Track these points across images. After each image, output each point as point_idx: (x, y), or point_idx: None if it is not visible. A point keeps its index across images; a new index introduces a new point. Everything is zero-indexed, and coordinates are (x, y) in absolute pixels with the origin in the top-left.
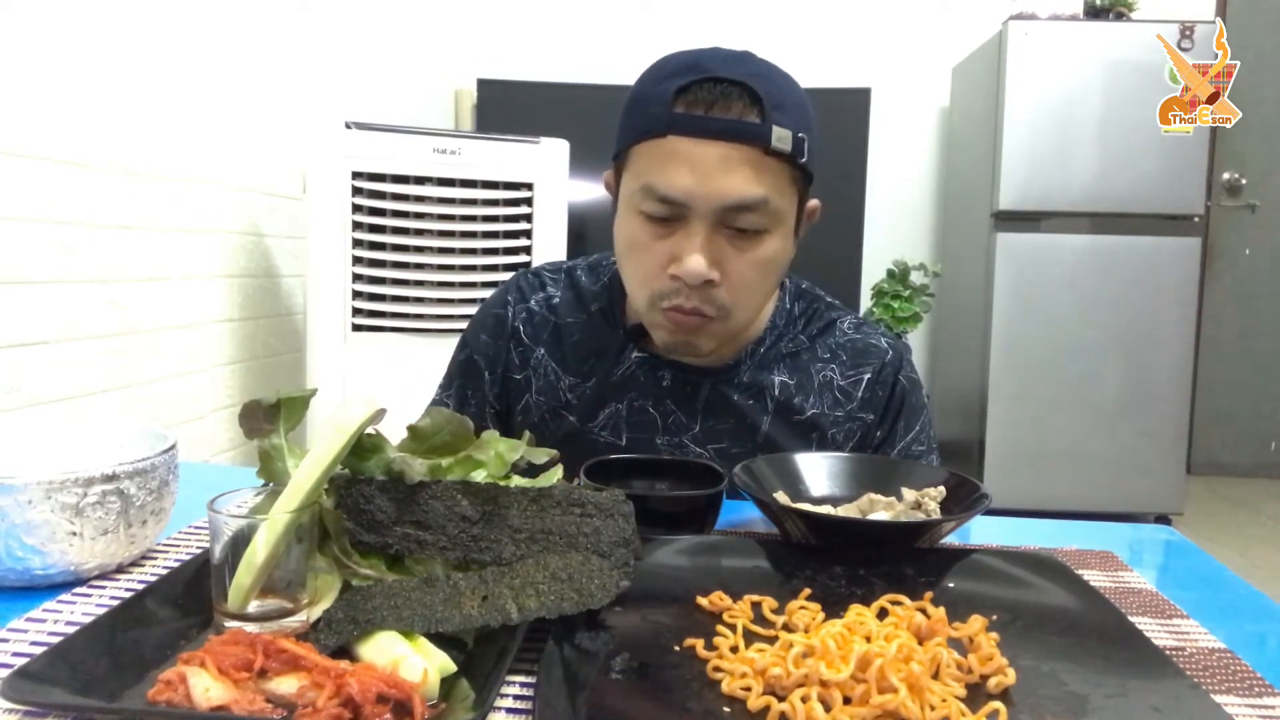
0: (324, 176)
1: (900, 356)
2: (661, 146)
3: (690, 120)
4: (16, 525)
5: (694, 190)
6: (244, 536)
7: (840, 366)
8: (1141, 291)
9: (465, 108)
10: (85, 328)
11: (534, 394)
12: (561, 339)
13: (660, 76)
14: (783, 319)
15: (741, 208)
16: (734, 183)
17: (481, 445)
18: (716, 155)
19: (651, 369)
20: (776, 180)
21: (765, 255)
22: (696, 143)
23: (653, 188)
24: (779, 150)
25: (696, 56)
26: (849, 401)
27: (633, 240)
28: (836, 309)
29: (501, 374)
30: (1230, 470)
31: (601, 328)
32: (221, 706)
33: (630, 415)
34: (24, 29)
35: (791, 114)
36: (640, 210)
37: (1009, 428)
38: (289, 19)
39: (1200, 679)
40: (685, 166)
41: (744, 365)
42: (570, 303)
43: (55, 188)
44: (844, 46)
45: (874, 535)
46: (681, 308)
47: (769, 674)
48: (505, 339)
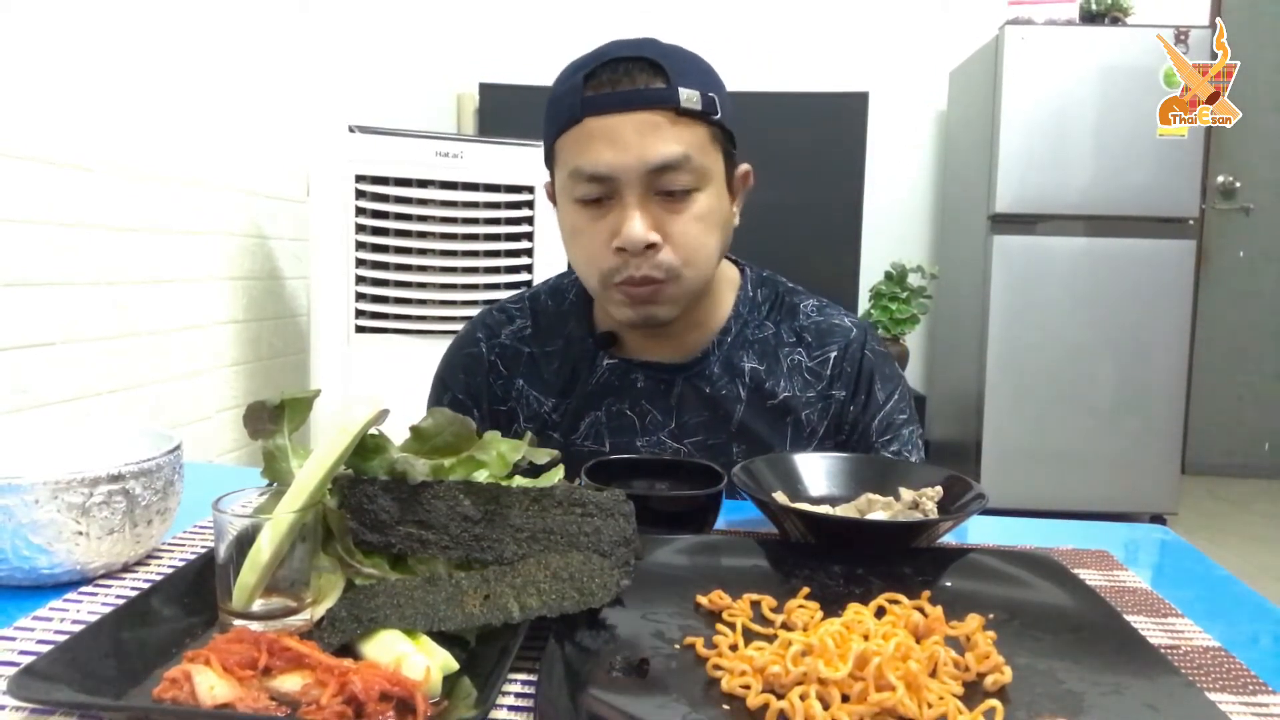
0: (327, 179)
1: (865, 332)
2: (580, 131)
3: (600, 99)
4: (23, 525)
5: (616, 162)
6: (248, 536)
7: (806, 349)
8: (1137, 293)
9: (467, 111)
10: (91, 329)
11: (521, 422)
12: (538, 366)
13: (569, 72)
14: (746, 307)
15: (665, 168)
16: (652, 145)
17: (483, 446)
18: (631, 124)
19: (625, 373)
20: (695, 138)
21: (700, 211)
22: (610, 118)
23: (579, 169)
24: (690, 109)
25: (600, 48)
26: (819, 381)
27: (574, 228)
28: (799, 293)
29: (489, 408)
30: (1224, 470)
31: (573, 345)
32: (226, 704)
33: (610, 420)
34: (29, 33)
35: (697, 77)
36: (574, 198)
37: (1006, 428)
38: (292, 24)
39: (1195, 677)
40: (604, 142)
41: (713, 357)
42: (539, 330)
43: (61, 191)
44: (842, 51)
45: (872, 535)
46: (632, 278)
47: (768, 672)
48: (483, 374)
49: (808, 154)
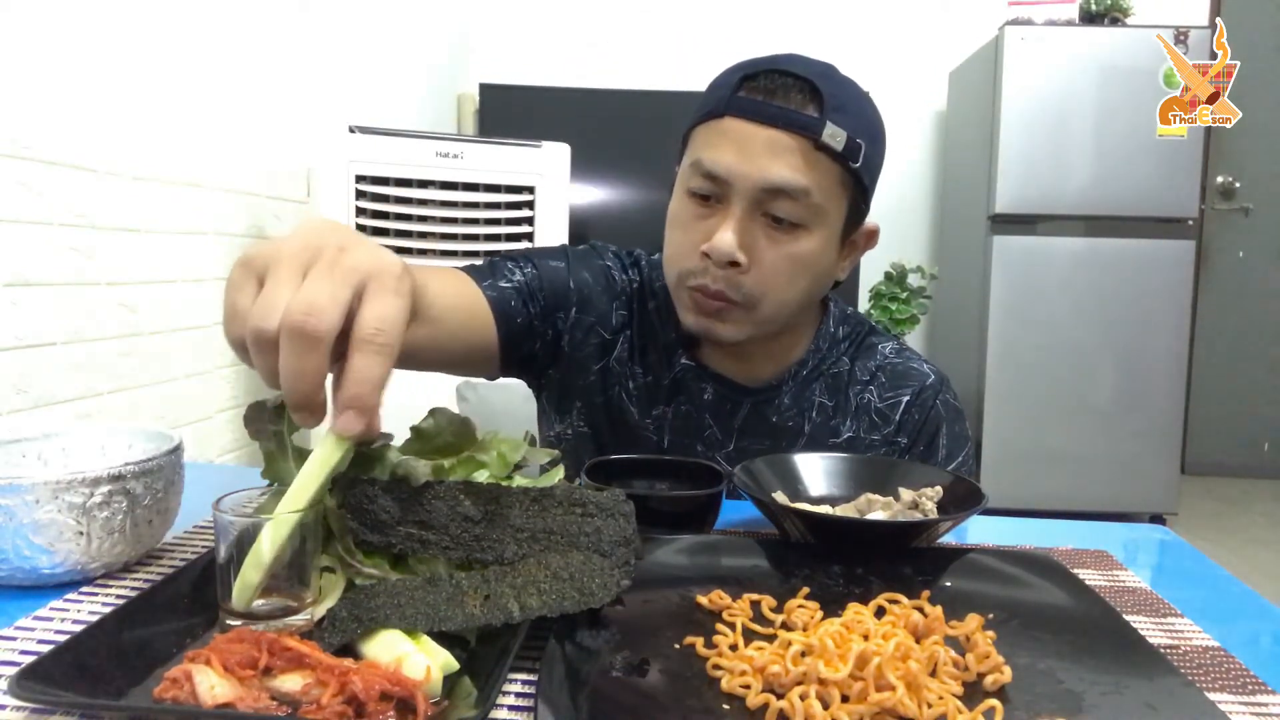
0: (328, 179)
1: (941, 381)
2: (717, 126)
3: (748, 103)
4: (24, 525)
5: (735, 168)
6: (249, 536)
7: (879, 389)
8: (1136, 294)
9: (468, 112)
10: (92, 329)
11: (611, 362)
12: (642, 326)
13: (735, 68)
14: (826, 341)
15: (780, 192)
16: (776, 166)
17: (484, 446)
18: (765, 138)
19: (696, 379)
20: (823, 177)
21: (800, 250)
22: (749, 125)
23: (700, 162)
24: (829, 146)
25: (774, 56)
26: (885, 425)
27: (676, 216)
28: (879, 333)
29: (593, 324)
30: (1224, 470)
31: (659, 329)
32: (227, 704)
33: (675, 420)
34: (30, 34)
35: (851, 117)
36: (688, 188)
37: (1005, 428)
38: (292, 24)
39: (1194, 676)
40: (734, 145)
41: (785, 387)
42: (642, 293)
43: (62, 191)
44: (842, 51)
45: (872, 534)
46: (706, 288)
47: (768, 672)
48: (613, 297)
49: None
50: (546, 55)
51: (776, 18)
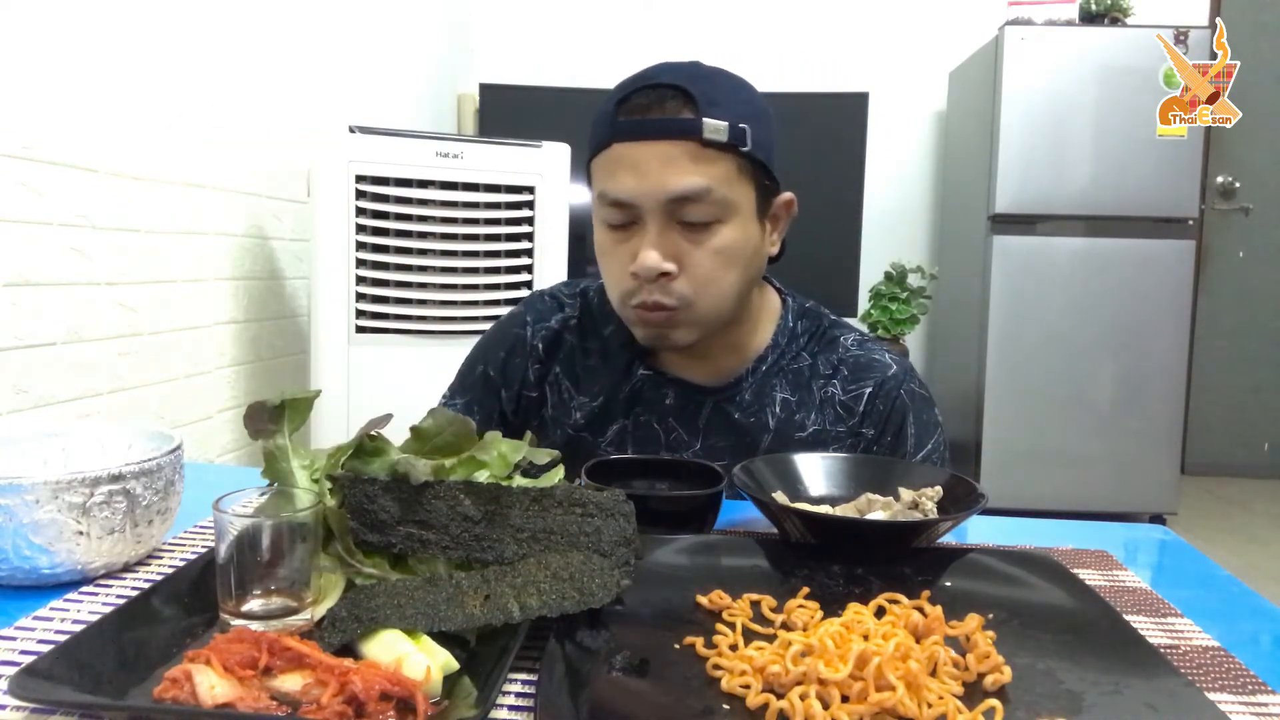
0: (328, 180)
1: (905, 371)
2: (609, 155)
3: (629, 125)
4: (24, 525)
5: (637, 190)
6: (248, 536)
7: (842, 382)
8: (1136, 293)
9: (468, 112)
10: (92, 329)
11: (549, 409)
12: (575, 360)
13: (609, 96)
14: (785, 336)
15: (685, 199)
16: (673, 177)
17: (484, 446)
18: (656, 154)
19: (656, 386)
20: (719, 171)
21: (721, 244)
22: (636, 145)
23: (605, 193)
24: (714, 140)
25: (644, 71)
26: (850, 417)
27: (601, 247)
28: (840, 326)
29: (519, 391)
30: (1224, 470)
31: (611, 348)
32: (227, 704)
33: (635, 430)
34: (31, 34)
35: (728, 107)
36: (602, 219)
37: (1005, 428)
38: (293, 24)
39: (1194, 676)
40: (629, 168)
41: (745, 383)
42: (584, 324)
43: (62, 191)
44: (842, 52)
45: (871, 535)
46: (645, 303)
47: (768, 672)
48: (523, 357)
49: (807, 154)
50: (546, 55)
51: (776, 18)
